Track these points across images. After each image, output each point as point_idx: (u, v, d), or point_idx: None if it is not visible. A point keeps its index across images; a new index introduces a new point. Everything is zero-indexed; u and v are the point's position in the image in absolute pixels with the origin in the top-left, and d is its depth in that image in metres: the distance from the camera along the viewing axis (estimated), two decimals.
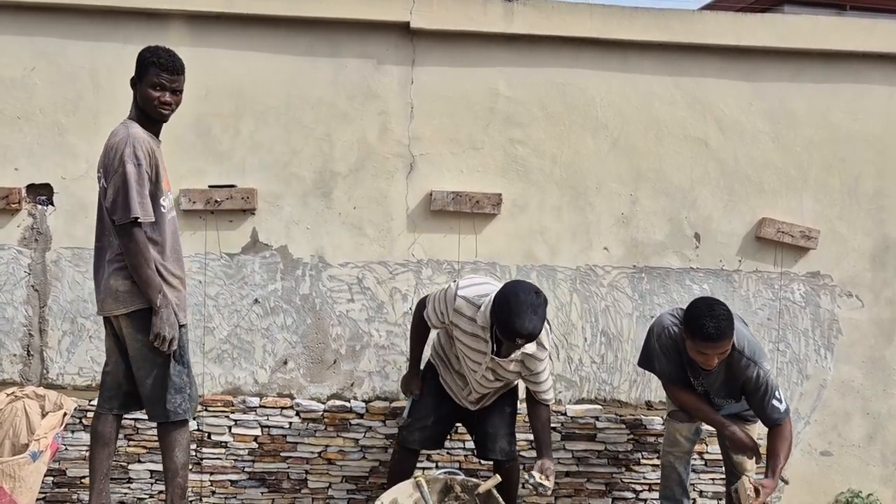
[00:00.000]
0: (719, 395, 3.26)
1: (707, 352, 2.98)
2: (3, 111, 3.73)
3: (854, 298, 4.05)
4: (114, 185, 2.79)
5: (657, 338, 3.27)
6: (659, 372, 3.33)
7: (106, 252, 2.94)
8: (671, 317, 3.27)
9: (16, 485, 2.57)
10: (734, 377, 3.15)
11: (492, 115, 3.88)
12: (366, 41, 3.82)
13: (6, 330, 3.79)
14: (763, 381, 3.09)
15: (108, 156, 2.85)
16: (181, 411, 2.98)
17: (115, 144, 2.83)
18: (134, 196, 2.77)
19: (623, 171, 3.94)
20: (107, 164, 2.84)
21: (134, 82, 2.94)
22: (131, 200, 2.76)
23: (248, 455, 3.78)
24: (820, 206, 4.01)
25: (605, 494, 3.88)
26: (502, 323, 2.87)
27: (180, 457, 3.01)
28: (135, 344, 2.93)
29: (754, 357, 3.09)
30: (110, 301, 2.91)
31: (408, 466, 3.34)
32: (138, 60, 2.93)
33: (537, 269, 3.93)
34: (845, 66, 3.97)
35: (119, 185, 2.78)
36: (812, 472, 4.07)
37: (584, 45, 3.88)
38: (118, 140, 2.84)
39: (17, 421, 2.83)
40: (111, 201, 2.80)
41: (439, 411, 3.33)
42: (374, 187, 3.86)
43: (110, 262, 2.91)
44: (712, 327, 2.93)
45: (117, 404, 3.08)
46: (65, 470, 3.70)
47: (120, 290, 2.88)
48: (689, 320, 3.02)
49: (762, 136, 3.97)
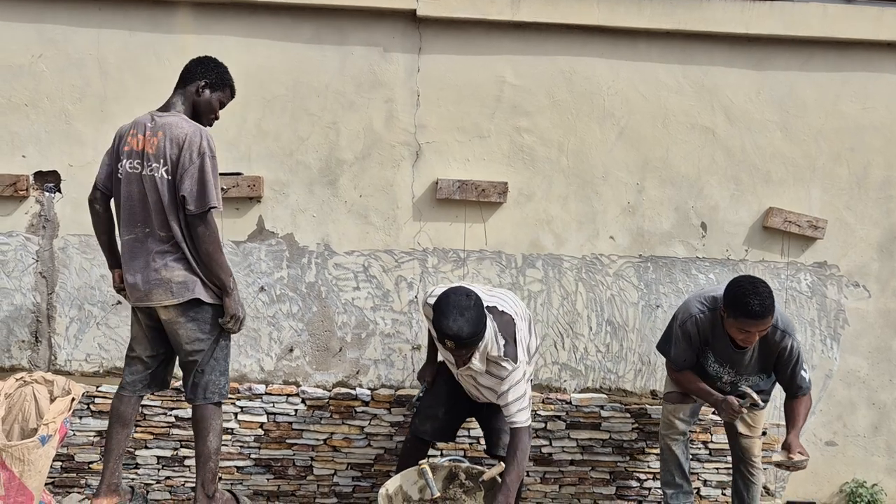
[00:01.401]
0: (750, 373, 3.29)
1: (751, 329, 3.02)
2: (10, 98, 3.75)
3: (861, 289, 4.04)
4: (191, 176, 2.89)
5: (680, 324, 3.29)
6: (673, 357, 3.35)
7: (148, 242, 2.98)
8: (699, 303, 3.28)
9: (25, 468, 2.59)
10: (768, 351, 3.21)
11: (498, 103, 3.87)
12: (372, 29, 3.81)
13: (15, 316, 3.82)
14: (796, 352, 3.19)
15: (177, 147, 2.91)
16: (224, 392, 3.14)
17: (187, 136, 2.91)
18: (212, 186, 2.91)
19: (630, 160, 3.93)
20: (178, 155, 2.91)
21: (201, 84, 3.07)
22: (211, 190, 2.91)
23: (253, 442, 3.80)
24: (828, 196, 3.99)
25: (609, 483, 3.89)
26: (433, 325, 2.87)
27: (213, 441, 3.12)
28: (186, 331, 3.02)
29: (788, 329, 3.18)
30: (160, 292, 2.97)
31: (418, 455, 3.34)
32: (219, 73, 3.13)
33: (543, 258, 3.93)
34: (855, 55, 3.95)
35: (197, 175, 2.90)
36: (817, 463, 4.07)
37: (591, 33, 3.86)
38: (189, 132, 2.93)
39: (26, 406, 2.85)
40: (189, 191, 2.89)
41: (450, 402, 3.33)
42: (380, 175, 3.86)
43: (161, 253, 2.97)
44: (757, 304, 2.96)
45: (141, 387, 3.19)
46: (73, 455, 3.74)
47: (175, 282, 2.96)
48: (733, 299, 3.04)
49: (770, 125, 3.95)
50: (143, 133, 2.99)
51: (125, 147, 3.02)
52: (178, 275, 2.96)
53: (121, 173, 3.02)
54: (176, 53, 3.76)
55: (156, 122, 3.00)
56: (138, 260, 3.00)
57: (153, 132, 2.97)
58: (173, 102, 3.08)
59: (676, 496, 3.48)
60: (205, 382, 3.10)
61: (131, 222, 3.01)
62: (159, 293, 2.98)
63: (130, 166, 2.99)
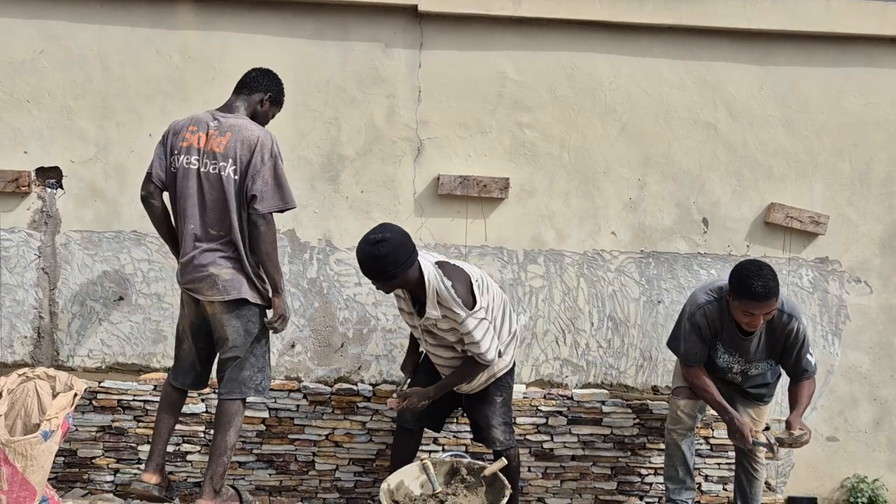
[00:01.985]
0: (759, 360, 3.29)
1: (755, 311, 3.04)
2: (12, 94, 3.75)
3: (863, 284, 4.04)
4: (262, 177, 3.00)
5: (689, 317, 3.30)
6: (683, 353, 3.35)
7: (200, 236, 3.06)
8: (706, 294, 3.29)
9: (27, 463, 2.60)
10: (775, 335, 3.22)
11: (500, 98, 3.87)
12: (374, 24, 3.80)
13: (17, 312, 3.83)
14: (802, 335, 3.21)
15: (247, 148, 3.01)
16: (261, 388, 3.24)
17: (258, 140, 3.03)
18: (287, 187, 3.06)
19: (631, 156, 3.92)
20: (249, 156, 3.00)
21: (266, 97, 3.21)
22: (286, 190, 3.05)
23: (256, 437, 3.81)
24: (830, 192, 3.99)
25: (610, 478, 3.90)
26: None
27: (232, 437, 3.19)
28: (230, 328, 3.11)
29: (794, 312, 3.21)
30: (207, 286, 3.06)
31: (406, 446, 3.40)
32: (280, 90, 3.28)
33: (545, 254, 3.93)
34: (858, 50, 3.93)
35: (270, 176, 3.02)
36: (818, 458, 4.08)
37: (593, 29, 3.85)
38: (261, 136, 3.04)
39: (29, 401, 2.86)
40: (260, 191, 2.99)
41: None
42: (381, 171, 3.86)
43: (212, 249, 3.06)
44: (760, 286, 2.98)
45: (189, 381, 3.30)
46: (75, 450, 3.75)
47: (223, 279, 3.05)
48: (736, 282, 3.07)
49: (772, 120, 3.94)
50: (204, 131, 3.08)
51: (182, 143, 3.09)
52: (226, 272, 3.05)
53: (175, 167, 3.09)
54: (177, 49, 3.76)
55: (221, 122, 3.08)
56: (189, 252, 3.07)
57: (220, 132, 3.05)
58: (236, 106, 3.18)
59: (679, 491, 3.49)
60: (242, 378, 3.18)
61: (184, 216, 3.08)
62: (206, 287, 3.07)
63: (188, 162, 3.06)
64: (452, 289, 3.03)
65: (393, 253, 2.91)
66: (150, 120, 3.77)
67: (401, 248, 2.94)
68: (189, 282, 3.11)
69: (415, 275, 3.01)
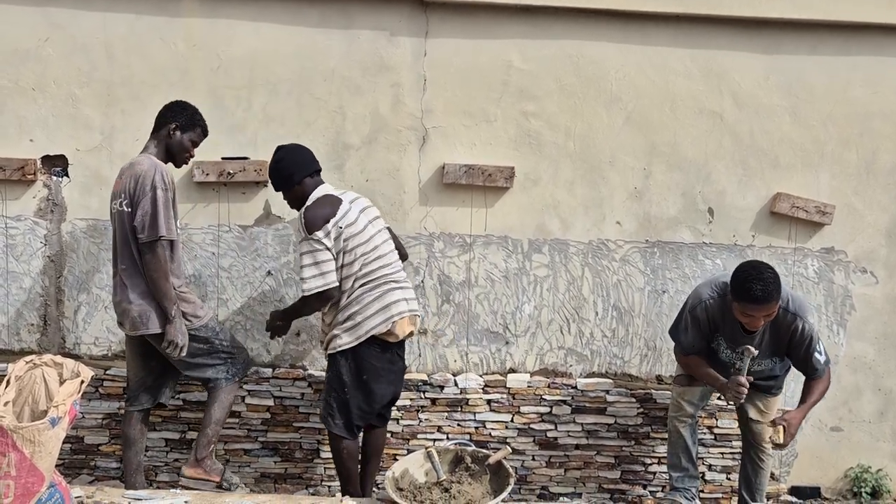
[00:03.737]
0: (762, 357, 3.29)
1: (754, 314, 3.04)
2: (17, 82, 3.75)
3: (868, 274, 4.03)
4: (142, 208, 3.12)
5: (690, 310, 3.32)
6: (683, 342, 3.37)
7: (118, 274, 3.25)
8: (710, 289, 3.30)
9: (35, 450, 2.61)
10: (779, 334, 3.22)
11: (505, 87, 3.85)
12: (379, 13, 3.79)
13: (24, 300, 3.84)
14: (808, 335, 3.19)
15: (134, 182, 3.16)
16: (225, 377, 3.39)
17: (143, 172, 3.16)
18: (162, 216, 3.13)
19: (637, 145, 3.91)
20: (134, 188, 3.16)
21: (172, 126, 3.30)
22: (160, 220, 3.13)
23: (261, 425, 3.83)
24: (836, 182, 3.97)
25: (614, 467, 3.91)
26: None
27: (217, 412, 3.37)
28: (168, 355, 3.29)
29: (799, 311, 3.19)
30: (128, 323, 3.25)
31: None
32: (188, 115, 3.34)
33: (549, 243, 3.93)
34: (865, 39, 3.91)
35: (148, 206, 3.12)
36: (822, 448, 4.08)
37: (598, 17, 3.83)
38: (145, 169, 3.17)
39: (36, 388, 2.86)
40: (140, 221, 3.13)
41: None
42: (386, 160, 3.86)
43: (123, 285, 3.24)
44: (759, 290, 2.98)
45: (145, 399, 3.45)
46: (82, 437, 3.78)
47: (133, 314, 3.20)
48: (736, 283, 3.07)
49: (779, 109, 3.92)
50: (120, 176, 3.28)
51: (113, 189, 3.31)
52: (135, 308, 3.20)
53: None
54: (182, 37, 3.76)
55: (129, 164, 3.27)
56: (115, 291, 3.30)
57: (121, 173, 3.26)
58: (147, 146, 3.33)
59: (682, 479, 3.50)
60: (211, 374, 3.39)
61: (112, 257, 3.33)
62: (127, 323, 3.26)
63: (112, 207, 3.29)
64: (304, 210, 3.23)
65: (283, 160, 3.29)
66: (154, 108, 3.73)
67: (290, 163, 3.27)
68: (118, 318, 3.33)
69: (303, 194, 3.28)
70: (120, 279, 3.24)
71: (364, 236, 3.22)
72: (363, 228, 3.23)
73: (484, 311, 3.94)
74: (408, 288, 3.36)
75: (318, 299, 3.21)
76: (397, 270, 3.34)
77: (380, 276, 3.24)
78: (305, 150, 3.38)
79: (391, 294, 3.24)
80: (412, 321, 3.33)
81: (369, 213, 3.34)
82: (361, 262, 3.20)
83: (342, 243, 3.17)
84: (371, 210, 3.38)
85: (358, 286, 3.21)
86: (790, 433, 3.20)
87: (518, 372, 3.96)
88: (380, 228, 3.34)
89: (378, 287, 3.23)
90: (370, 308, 3.20)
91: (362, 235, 3.22)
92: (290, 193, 3.34)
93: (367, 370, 3.25)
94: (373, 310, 3.21)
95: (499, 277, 3.93)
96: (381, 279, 3.24)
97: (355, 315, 3.21)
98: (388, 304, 3.22)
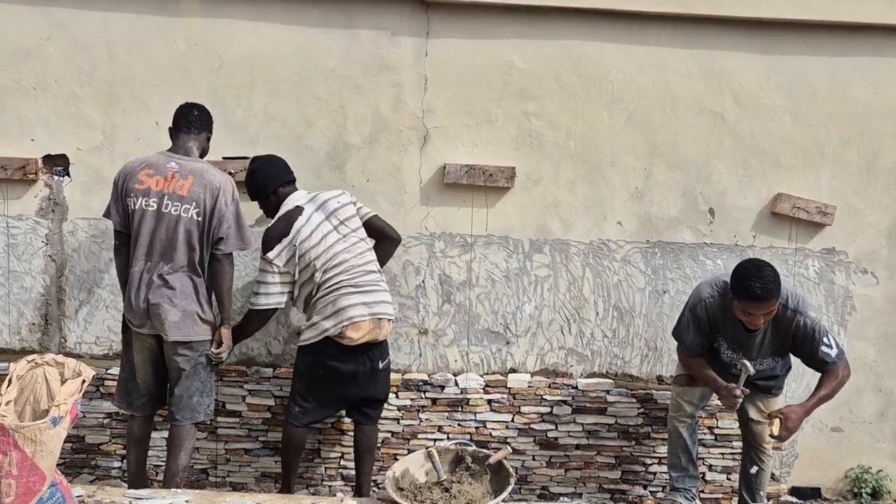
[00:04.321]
0: (764, 356, 3.29)
1: (753, 312, 3.04)
2: (19, 82, 3.75)
3: (869, 275, 4.03)
4: (226, 221, 3.23)
5: (690, 309, 3.32)
6: (687, 343, 3.37)
7: (155, 275, 3.20)
8: (710, 288, 3.30)
9: (37, 449, 2.61)
10: (781, 332, 3.21)
11: (506, 87, 3.85)
12: (380, 12, 3.79)
13: (25, 299, 3.84)
14: (810, 330, 3.17)
15: (211, 194, 3.21)
16: (210, 412, 3.38)
17: (221, 186, 3.23)
18: (245, 229, 3.30)
19: (638, 145, 3.91)
20: (213, 201, 3.21)
21: (209, 136, 3.43)
22: (246, 232, 3.30)
23: (261, 424, 3.84)
24: (837, 182, 3.97)
25: (614, 467, 3.91)
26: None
27: (184, 459, 3.32)
28: (184, 361, 3.26)
29: (798, 307, 3.17)
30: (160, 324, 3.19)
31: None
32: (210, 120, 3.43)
33: (550, 243, 3.93)
34: (866, 39, 3.90)
35: (232, 220, 3.25)
36: (822, 448, 4.08)
37: (599, 17, 3.83)
38: (223, 182, 3.25)
39: (38, 387, 2.86)
40: (226, 232, 3.22)
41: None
42: (387, 160, 3.86)
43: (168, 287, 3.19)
44: (759, 288, 2.98)
45: (150, 408, 3.41)
46: (83, 437, 3.78)
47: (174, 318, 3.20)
48: (736, 282, 3.07)
49: (780, 110, 3.92)
50: (162, 175, 3.22)
51: (138, 186, 3.22)
52: (179, 310, 3.18)
53: (133, 210, 3.22)
54: (183, 37, 3.76)
55: (181, 165, 3.24)
56: (144, 290, 3.21)
57: (182, 175, 3.22)
58: (189, 147, 3.32)
59: (682, 479, 3.50)
60: (193, 404, 3.31)
61: (140, 255, 3.22)
62: (161, 324, 3.20)
63: (146, 204, 3.21)
64: (266, 229, 3.40)
65: (257, 171, 3.44)
66: (155, 107, 3.77)
67: (264, 174, 3.42)
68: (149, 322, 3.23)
69: (277, 204, 3.42)
70: (158, 280, 3.18)
71: (320, 248, 3.34)
72: (319, 240, 3.34)
73: (485, 311, 3.94)
74: (372, 292, 3.39)
75: (259, 316, 3.45)
76: (362, 274, 3.38)
77: (336, 282, 3.35)
78: (280, 160, 3.50)
79: (346, 299, 3.33)
80: (375, 325, 3.37)
81: (339, 215, 3.41)
82: (321, 272, 3.34)
83: (297, 259, 3.35)
84: (343, 210, 3.43)
85: (318, 293, 3.37)
86: (787, 427, 3.17)
87: (519, 372, 3.97)
88: (346, 233, 3.39)
89: (334, 292, 3.35)
90: (324, 312, 3.35)
91: (318, 248, 3.34)
92: (264, 203, 3.49)
93: (324, 367, 3.39)
94: (326, 313, 3.34)
95: (500, 277, 3.94)
96: (337, 285, 3.35)
97: (314, 316, 3.38)
98: (341, 309, 3.33)
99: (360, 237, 3.44)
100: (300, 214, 3.37)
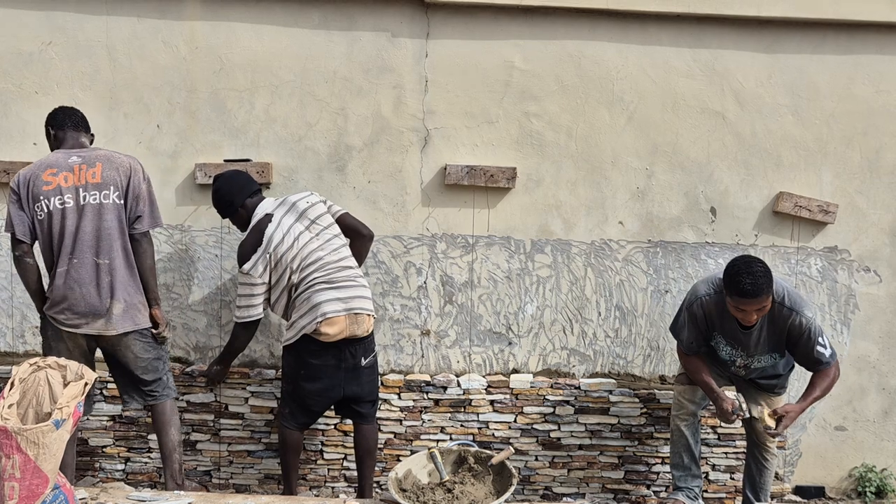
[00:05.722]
0: (761, 353, 3.29)
1: (745, 308, 3.05)
2: (20, 86, 3.76)
3: (872, 273, 4.02)
4: (142, 199, 3.21)
5: (687, 307, 3.33)
6: (682, 339, 3.38)
7: (91, 270, 3.15)
8: (707, 286, 3.30)
9: (40, 452, 2.62)
10: (777, 329, 3.21)
11: (507, 88, 3.86)
12: (380, 14, 3.80)
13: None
14: (806, 328, 3.17)
15: (124, 175, 3.20)
16: (172, 388, 3.41)
17: (131, 166, 3.23)
18: (156, 206, 3.29)
19: (639, 145, 3.91)
20: (127, 181, 3.20)
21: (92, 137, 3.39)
22: (158, 211, 3.29)
23: (264, 426, 3.84)
24: (839, 181, 3.96)
25: (617, 467, 3.91)
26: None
27: (175, 435, 3.34)
28: (141, 349, 3.26)
29: (795, 306, 3.17)
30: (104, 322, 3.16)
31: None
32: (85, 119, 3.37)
33: (552, 244, 3.93)
34: (868, 38, 3.90)
35: (147, 197, 3.23)
36: (826, 447, 4.07)
37: (600, 17, 3.83)
38: (131, 160, 3.26)
39: (40, 390, 2.87)
40: (141, 210, 3.21)
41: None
42: (388, 161, 3.86)
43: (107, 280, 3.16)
44: (749, 283, 2.99)
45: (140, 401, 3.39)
46: (87, 439, 3.79)
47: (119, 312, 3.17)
48: (727, 278, 3.08)
49: (781, 109, 3.92)
50: (68, 170, 3.15)
51: (44, 187, 3.14)
52: (122, 304, 3.17)
53: (45, 213, 3.14)
54: (184, 40, 3.77)
55: (85, 156, 3.20)
56: (81, 288, 3.14)
57: (90, 164, 3.17)
58: (83, 143, 3.30)
59: (685, 479, 3.49)
60: (166, 381, 3.36)
61: (64, 254, 3.14)
62: (112, 322, 3.16)
63: (60, 202, 3.14)
64: (240, 243, 3.40)
65: (220, 189, 3.43)
66: (157, 111, 3.78)
67: (227, 191, 3.41)
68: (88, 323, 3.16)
69: (247, 216, 3.43)
70: (98, 274, 3.13)
71: (294, 250, 3.34)
72: (292, 242, 3.34)
73: (487, 311, 3.94)
74: (348, 287, 3.36)
75: (246, 329, 3.46)
76: (337, 270, 3.36)
77: (311, 280, 3.34)
78: (241, 173, 3.50)
79: (319, 295, 3.32)
80: (351, 320, 3.33)
81: (310, 214, 3.39)
82: (298, 272, 3.35)
83: (273, 265, 3.35)
84: (313, 209, 3.41)
85: (296, 293, 3.38)
86: (784, 424, 3.20)
87: (521, 372, 3.97)
88: (318, 231, 3.38)
89: (309, 289, 3.34)
90: (301, 309, 3.35)
91: (292, 250, 3.34)
92: (235, 218, 3.49)
93: (304, 366, 3.38)
94: (303, 311, 3.34)
95: (501, 278, 3.93)
96: (312, 281, 3.34)
97: (293, 315, 3.38)
98: (315, 306, 3.31)
99: (333, 234, 3.41)
100: (270, 221, 3.36)
